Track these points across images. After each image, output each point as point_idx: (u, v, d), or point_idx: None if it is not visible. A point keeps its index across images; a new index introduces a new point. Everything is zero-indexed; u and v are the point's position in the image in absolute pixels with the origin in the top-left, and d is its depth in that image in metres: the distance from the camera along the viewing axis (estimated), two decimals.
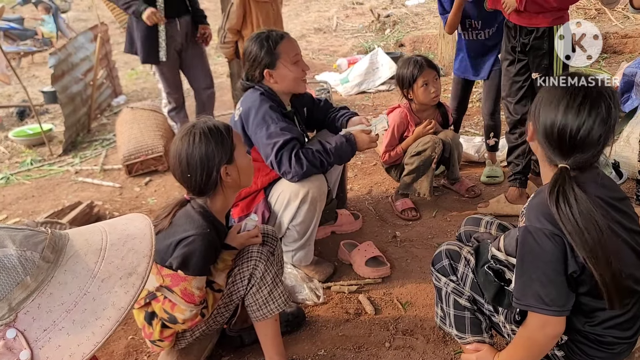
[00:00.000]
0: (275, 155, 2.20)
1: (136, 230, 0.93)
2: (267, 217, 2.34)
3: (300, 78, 2.39)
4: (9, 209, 3.73)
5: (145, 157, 4.01)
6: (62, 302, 0.80)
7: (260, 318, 1.84)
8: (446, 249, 1.72)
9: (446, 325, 1.74)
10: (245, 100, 2.35)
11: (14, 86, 7.34)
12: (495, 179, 3.43)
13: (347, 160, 2.46)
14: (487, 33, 3.21)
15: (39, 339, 0.77)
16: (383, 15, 9.02)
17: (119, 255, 0.87)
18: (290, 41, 2.37)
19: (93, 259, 0.86)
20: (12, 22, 10.23)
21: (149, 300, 1.74)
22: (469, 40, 3.28)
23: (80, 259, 0.85)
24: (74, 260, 0.84)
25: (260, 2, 3.72)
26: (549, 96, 1.38)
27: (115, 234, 0.91)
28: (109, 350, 2.18)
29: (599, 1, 2.42)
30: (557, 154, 1.37)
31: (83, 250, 0.86)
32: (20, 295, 0.78)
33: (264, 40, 2.31)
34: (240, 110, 2.35)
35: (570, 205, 1.26)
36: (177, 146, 1.74)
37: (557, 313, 1.32)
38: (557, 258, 1.30)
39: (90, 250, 0.87)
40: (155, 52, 3.73)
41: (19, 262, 0.79)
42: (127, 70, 8.11)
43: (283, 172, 2.23)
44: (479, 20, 3.16)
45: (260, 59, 2.31)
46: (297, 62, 2.36)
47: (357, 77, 5.87)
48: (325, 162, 2.25)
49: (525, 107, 2.86)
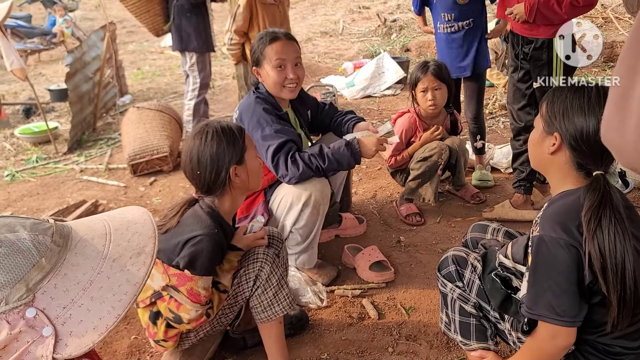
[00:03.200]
0: (272, 158, 2.20)
1: (135, 216, 0.96)
2: (267, 220, 2.33)
3: (279, 83, 2.31)
4: (13, 206, 3.74)
5: (151, 157, 4.02)
6: (78, 281, 0.83)
7: (265, 320, 1.84)
8: (453, 254, 1.71)
9: (451, 332, 1.73)
10: (241, 104, 2.38)
11: (20, 84, 7.37)
12: (486, 183, 3.43)
13: (349, 167, 2.33)
14: (461, 26, 3.22)
15: (59, 316, 0.80)
16: (389, 19, 9.04)
17: (124, 238, 0.91)
18: (279, 45, 2.30)
19: (101, 242, 0.89)
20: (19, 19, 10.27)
21: (154, 300, 1.74)
22: (445, 34, 3.30)
23: (89, 243, 0.88)
24: (82, 244, 0.88)
25: (267, 4, 3.73)
26: (579, 103, 1.35)
27: (116, 221, 0.94)
28: (111, 349, 2.18)
29: (625, 7, 2.43)
30: (595, 160, 1.34)
31: (89, 236, 0.90)
32: (37, 276, 0.81)
33: (259, 39, 2.36)
34: (236, 113, 2.37)
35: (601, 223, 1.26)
36: (189, 143, 1.76)
37: (569, 324, 1.30)
38: (570, 269, 1.28)
39: (96, 235, 0.90)
40: (210, 41, 4.17)
41: (32, 245, 0.82)
42: (134, 69, 8.14)
43: (281, 176, 2.23)
44: (451, 12, 3.19)
45: (253, 56, 2.38)
46: (280, 67, 2.29)
47: (363, 81, 5.88)
48: (320, 166, 2.20)
49: (529, 115, 2.87)
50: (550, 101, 1.43)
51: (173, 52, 5.43)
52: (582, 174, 1.39)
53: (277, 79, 2.30)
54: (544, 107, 1.45)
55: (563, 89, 1.42)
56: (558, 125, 1.39)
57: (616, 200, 1.29)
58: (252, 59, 2.39)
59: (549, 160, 1.45)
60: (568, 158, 1.39)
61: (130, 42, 10.66)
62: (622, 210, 1.29)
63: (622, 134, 0.80)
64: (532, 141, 1.51)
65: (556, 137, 1.40)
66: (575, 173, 1.40)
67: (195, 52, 4.15)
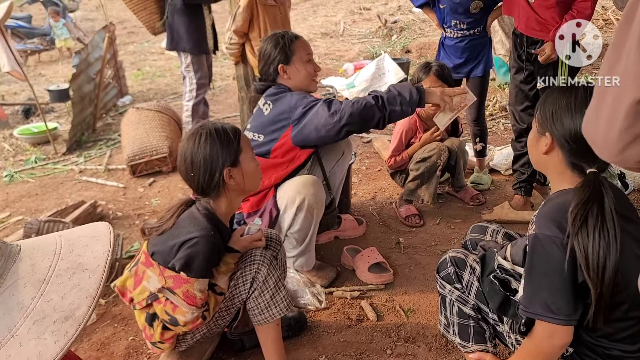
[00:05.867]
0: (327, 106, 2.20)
1: (91, 259, 0.84)
2: (275, 215, 2.31)
3: (312, 77, 2.43)
4: (12, 207, 3.73)
5: (150, 157, 4.01)
6: None
7: (262, 322, 1.82)
8: (452, 256, 1.70)
9: (449, 334, 1.72)
10: (276, 99, 2.34)
11: (20, 84, 7.37)
12: (479, 186, 3.42)
13: (412, 101, 2.19)
14: (472, 33, 3.22)
15: None
16: (390, 21, 9.04)
17: (60, 291, 0.78)
18: (303, 41, 2.45)
19: (31, 293, 0.77)
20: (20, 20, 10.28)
21: (151, 302, 1.73)
22: (452, 38, 3.28)
23: (18, 291, 0.77)
24: (10, 292, 0.77)
25: (268, 5, 3.72)
26: (566, 103, 1.37)
27: (66, 261, 0.83)
28: (109, 351, 2.17)
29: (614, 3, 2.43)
30: (586, 158, 1.35)
31: (24, 280, 0.78)
32: None
33: (280, 38, 2.39)
34: (270, 106, 2.34)
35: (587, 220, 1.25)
36: (183, 145, 1.76)
37: (564, 322, 1.30)
38: (566, 267, 1.28)
39: (31, 281, 0.78)
40: (204, 43, 4.04)
41: None
42: (134, 70, 8.13)
43: (333, 113, 2.17)
44: (463, 20, 3.18)
45: (275, 55, 2.37)
46: (310, 61, 2.42)
47: (363, 82, 5.87)
48: (380, 96, 2.18)
49: (531, 117, 2.86)
50: (542, 102, 1.46)
51: (171, 53, 5.42)
52: (577, 172, 1.40)
53: (311, 72, 2.41)
54: (538, 108, 1.47)
55: (554, 90, 1.45)
56: (549, 126, 1.41)
57: (608, 199, 1.29)
58: (272, 58, 2.38)
59: (544, 160, 1.47)
60: (561, 157, 1.41)
61: (130, 42, 10.66)
62: (612, 208, 1.28)
63: (596, 127, 0.86)
64: (529, 141, 1.54)
65: (548, 136, 1.42)
66: (570, 172, 1.41)
67: (189, 53, 4.12)
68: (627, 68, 0.78)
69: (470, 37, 3.21)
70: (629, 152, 0.80)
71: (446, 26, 3.27)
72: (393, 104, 2.18)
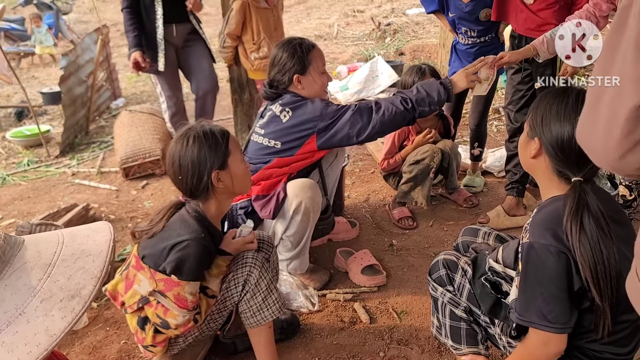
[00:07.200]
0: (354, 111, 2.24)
1: (93, 246, 0.87)
2: (282, 198, 2.27)
3: (325, 87, 2.42)
4: (4, 210, 3.71)
5: (143, 160, 3.99)
6: None
7: (254, 325, 1.82)
8: (443, 258, 1.70)
9: (442, 336, 1.72)
10: (296, 107, 2.30)
11: (12, 87, 7.33)
12: (472, 188, 3.43)
13: (440, 97, 2.26)
14: (482, 40, 3.21)
15: None
16: (384, 23, 9.05)
17: (66, 273, 0.81)
18: (319, 51, 2.40)
19: (38, 274, 0.80)
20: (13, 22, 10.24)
21: (142, 305, 1.72)
22: (464, 45, 3.28)
23: (25, 274, 0.80)
24: (17, 275, 0.79)
25: (261, 8, 3.72)
26: (556, 109, 1.36)
27: (70, 248, 0.86)
28: (101, 354, 2.16)
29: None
30: (571, 166, 1.35)
31: (31, 264, 0.81)
32: None
33: (297, 47, 2.33)
34: (289, 113, 2.29)
35: (584, 228, 1.26)
36: (171, 147, 1.75)
37: (560, 330, 1.30)
38: (561, 275, 1.27)
39: (37, 265, 0.81)
40: (154, 62, 3.67)
41: None
42: (127, 72, 8.10)
43: (366, 123, 2.23)
44: (474, 28, 3.17)
45: (292, 65, 2.32)
46: (324, 72, 2.40)
47: (357, 84, 5.87)
48: (407, 97, 2.22)
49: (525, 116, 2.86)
50: (535, 105, 1.45)
51: None
52: (564, 180, 1.39)
53: (325, 83, 2.40)
54: (530, 111, 1.46)
55: (548, 94, 1.42)
56: (538, 131, 1.40)
57: (593, 206, 1.29)
58: (288, 67, 2.32)
59: (533, 163, 1.46)
60: (548, 163, 1.40)
61: (124, 45, 10.63)
62: (600, 214, 1.28)
63: (592, 134, 0.84)
64: (520, 143, 1.53)
65: (537, 141, 1.41)
66: (557, 179, 1.40)
67: None
68: (624, 73, 0.77)
69: (481, 44, 3.19)
70: (628, 158, 0.79)
71: (458, 32, 3.26)
72: (422, 105, 2.25)
